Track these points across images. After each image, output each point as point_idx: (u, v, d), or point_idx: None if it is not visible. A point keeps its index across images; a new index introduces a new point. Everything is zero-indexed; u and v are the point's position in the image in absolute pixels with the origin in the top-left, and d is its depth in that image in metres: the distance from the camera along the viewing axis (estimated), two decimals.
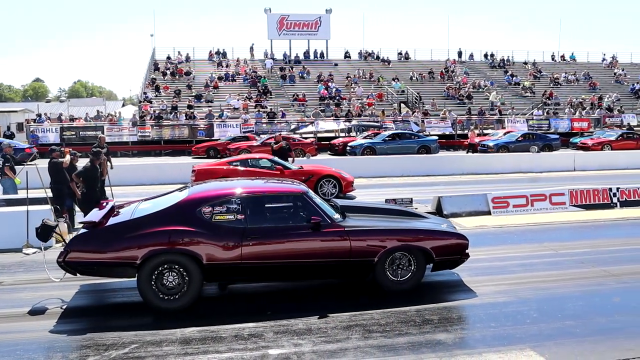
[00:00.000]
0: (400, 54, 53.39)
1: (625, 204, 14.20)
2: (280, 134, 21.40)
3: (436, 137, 31.94)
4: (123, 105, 73.78)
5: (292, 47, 50.50)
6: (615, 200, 14.19)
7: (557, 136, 32.49)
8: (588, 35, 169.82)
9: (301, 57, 50.48)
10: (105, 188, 14.32)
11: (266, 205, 7.80)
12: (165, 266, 7.23)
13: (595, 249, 10.29)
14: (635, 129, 37.42)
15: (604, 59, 56.01)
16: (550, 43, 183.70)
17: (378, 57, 52.04)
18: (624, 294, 7.85)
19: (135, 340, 6.31)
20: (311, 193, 8.15)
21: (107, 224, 7.56)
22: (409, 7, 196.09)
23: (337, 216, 7.98)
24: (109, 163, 15.31)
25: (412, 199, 13.43)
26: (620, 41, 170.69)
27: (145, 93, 40.59)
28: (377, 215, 8.88)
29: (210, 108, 37.59)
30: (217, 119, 35.80)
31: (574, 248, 10.39)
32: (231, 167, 16.45)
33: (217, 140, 32.11)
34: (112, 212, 8.12)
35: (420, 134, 32.64)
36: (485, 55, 54.04)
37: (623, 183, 15.46)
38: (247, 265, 7.38)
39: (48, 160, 12.67)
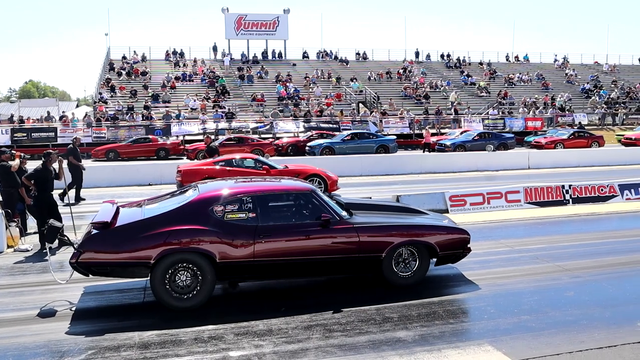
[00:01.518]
0: (358, 54, 53.73)
1: (577, 200, 14.58)
2: (208, 136, 21.46)
3: (394, 137, 32.20)
4: (77, 106, 72.25)
5: (250, 47, 50.39)
6: (567, 197, 14.56)
7: (512, 135, 33.20)
8: (541, 36, 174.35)
9: (259, 57, 50.26)
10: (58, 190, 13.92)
11: (277, 204, 7.89)
12: (179, 265, 7.20)
13: (549, 245, 10.53)
14: (585, 127, 38.58)
15: (555, 60, 57.63)
16: (504, 44, 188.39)
17: (336, 57, 52.24)
18: (577, 288, 8.05)
19: (92, 346, 6.16)
20: (319, 191, 8.21)
21: (118, 224, 7.45)
22: (366, 8, 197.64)
23: (344, 213, 8.06)
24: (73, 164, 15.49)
25: (371, 197, 13.47)
26: (571, 42, 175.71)
27: (100, 93, 39.76)
28: (379, 211, 9.00)
29: (167, 109, 37.04)
30: (174, 119, 35.29)
31: (529, 244, 10.62)
32: (217, 167, 16.29)
33: (116, 142, 31.42)
34: (119, 213, 8.00)
35: (379, 133, 32.87)
36: (442, 56, 54.88)
37: (575, 180, 15.91)
38: (259, 263, 7.42)
39: None
